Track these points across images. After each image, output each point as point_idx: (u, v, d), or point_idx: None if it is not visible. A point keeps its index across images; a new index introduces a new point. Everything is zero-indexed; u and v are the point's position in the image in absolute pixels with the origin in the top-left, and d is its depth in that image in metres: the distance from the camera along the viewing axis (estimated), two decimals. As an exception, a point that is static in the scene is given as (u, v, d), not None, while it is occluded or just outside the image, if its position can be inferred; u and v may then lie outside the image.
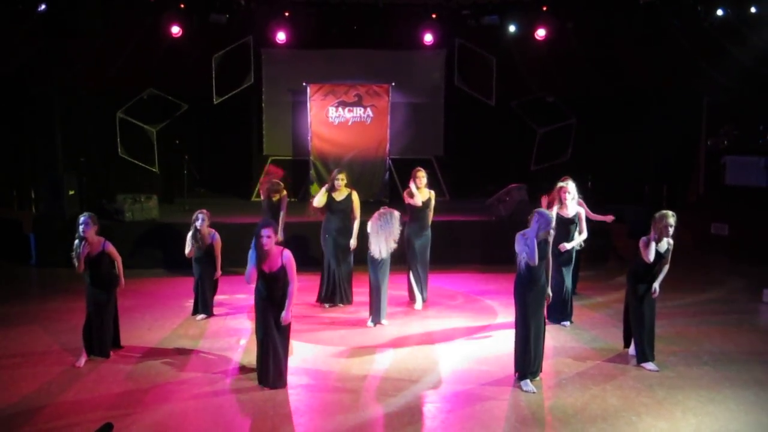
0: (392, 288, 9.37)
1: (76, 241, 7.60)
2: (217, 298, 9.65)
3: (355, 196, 9.54)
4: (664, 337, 8.45)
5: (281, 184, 10.52)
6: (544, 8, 13.82)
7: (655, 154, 14.85)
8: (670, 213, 7.41)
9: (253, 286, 6.83)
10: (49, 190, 12.59)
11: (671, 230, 7.34)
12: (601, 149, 15.04)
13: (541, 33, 13.99)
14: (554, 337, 8.35)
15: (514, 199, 12.64)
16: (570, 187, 9.02)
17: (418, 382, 7.06)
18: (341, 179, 9.49)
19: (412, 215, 9.56)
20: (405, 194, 9.63)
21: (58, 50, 12.88)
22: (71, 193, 12.71)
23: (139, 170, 14.85)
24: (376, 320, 8.84)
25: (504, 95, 15.31)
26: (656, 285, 7.50)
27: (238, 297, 10.24)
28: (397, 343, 8.21)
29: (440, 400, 6.62)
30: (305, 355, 7.79)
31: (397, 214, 8.68)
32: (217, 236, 9.24)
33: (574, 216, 8.94)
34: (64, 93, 13.62)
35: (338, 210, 9.50)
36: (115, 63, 13.65)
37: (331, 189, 9.49)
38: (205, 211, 9.25)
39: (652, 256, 7.31)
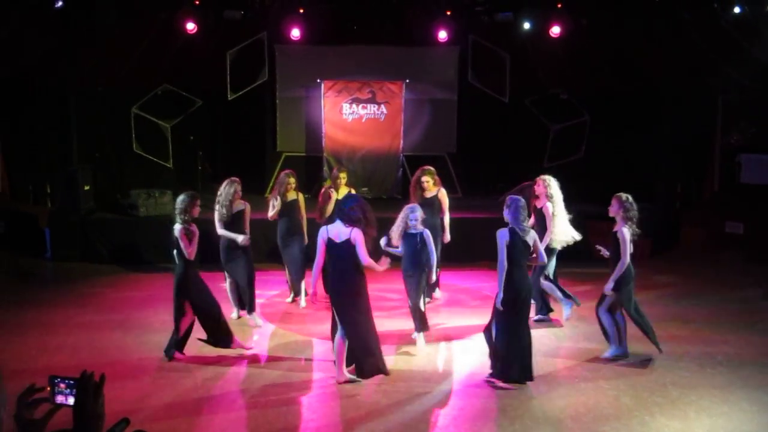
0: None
1: (181, 226, 7.53)
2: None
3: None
4: (677, 336, 8.43)
5: (292, 181, 9.65)
6: (559, 5, 13.75)
7: (670, 151, 14.76)
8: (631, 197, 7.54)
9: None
10: (64, 185, 12.69)
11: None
12: (615, 146, 14.96)
13: (555, 30, 13.91)
14: (568, 337, 8.37)
15: (527, 197, 12.59)
16: (541, 182, 8.85)
17: (429, 379, 7.08)
18: (342, 177, 9.58)
19: None
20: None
21: (73, 46, 12.94)
22: (86, 188, 12.81)
23: (153, 165, 14.90)
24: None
25: (518, 92, 15.25)
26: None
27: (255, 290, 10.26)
28: (408, 340, 8.21)
29: (452, 397, 6.63)
30: (317, 352, 7.82)
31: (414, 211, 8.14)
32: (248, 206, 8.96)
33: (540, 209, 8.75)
34: (80, 88, 13.69)
35: None
36: (130, 59, 13.69)
37: (335, 188, 9.53)
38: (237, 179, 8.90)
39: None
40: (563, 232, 8.73)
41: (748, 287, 10.90)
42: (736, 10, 12.47)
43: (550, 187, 8.79)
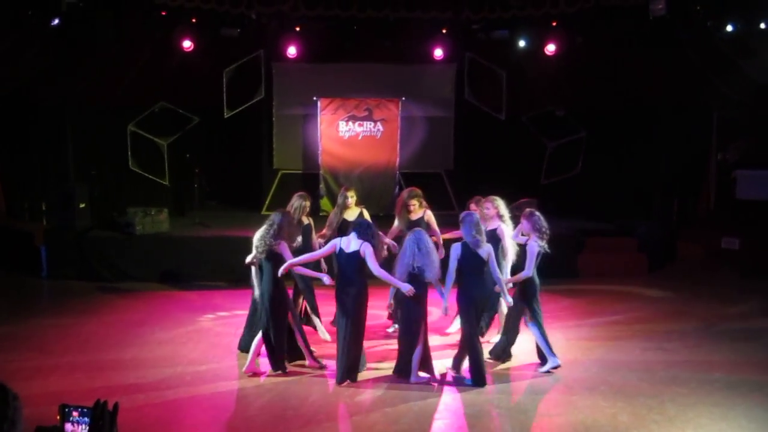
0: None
1: (285, 242, 7.54)
2: (233, 307, 9.75)
3: (365, 213, 9.12)
4: (675, 353, 8.42)
5: (308, 205, 8.91)
6: (554, 23, 13.83)
7: (666, 168, 14.81)
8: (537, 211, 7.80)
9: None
10: (60, 203, 12.67)
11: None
12: (612, 163, 15.02)
13: (551, 48, 13.98)
14: (564, 353, 8.33)
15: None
16: (490, 203, 8.61)
17: (423, 393, 7.04)
18: (351, 196, 9.13)
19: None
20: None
21: (70, 63, 12.98)
22: (82, 205, 12.78)
23: (150, 183, 14.89)
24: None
25: (514, 109, 15.28)
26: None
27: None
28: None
29: (447, 415, 6.60)
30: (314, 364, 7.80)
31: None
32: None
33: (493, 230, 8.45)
34: (76, 106, 13.72)
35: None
36: (127, 76, 13.73)
37: (343, 208, 9.10)
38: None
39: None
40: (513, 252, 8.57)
41: (745, 303, 10.90)
42: (729, 28, 12.56)
43: (500, 207, 8.59)
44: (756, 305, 10.72)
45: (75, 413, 2.55)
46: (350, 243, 7.19)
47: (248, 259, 7.78)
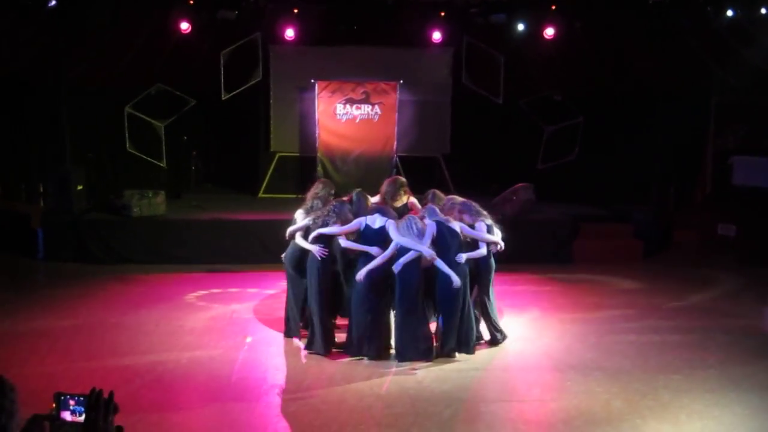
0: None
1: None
2: (230, 290, 9.74)
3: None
4: (669, 338, 8.46)
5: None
6: (553, 7, 13.76)
7: (663, 153, 14.79)
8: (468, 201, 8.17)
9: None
10: (56, 185, 12.65)
11: None
12: (609, 148, 14.99)
13: (549, 32, 13.91)
14: (558, 339, 8.38)
15: (521, 199, 12.64)
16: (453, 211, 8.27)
17: (421, 383, 7.08)
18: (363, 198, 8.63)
19: None
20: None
21: (67, 45, 12.90)
22: (79, 187, 12.77)
23: (147, 165, 14.84)
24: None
25: (512, 93, 15.21)
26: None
27: (249, 291, 10.27)
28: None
29: (443, 402, 6.63)
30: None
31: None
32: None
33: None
34: (73, 88, 13.64)
35: None
36: (124, 58, 13.64)
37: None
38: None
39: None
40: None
41: (740, 290, 10.93)
42: (729, 13, 12.52)
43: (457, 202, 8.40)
44: (750, 292, 10.73)
45: (72, 402, 2.54)
46: (376, 220, 7.69)
47: (290, 229, 8.09)
